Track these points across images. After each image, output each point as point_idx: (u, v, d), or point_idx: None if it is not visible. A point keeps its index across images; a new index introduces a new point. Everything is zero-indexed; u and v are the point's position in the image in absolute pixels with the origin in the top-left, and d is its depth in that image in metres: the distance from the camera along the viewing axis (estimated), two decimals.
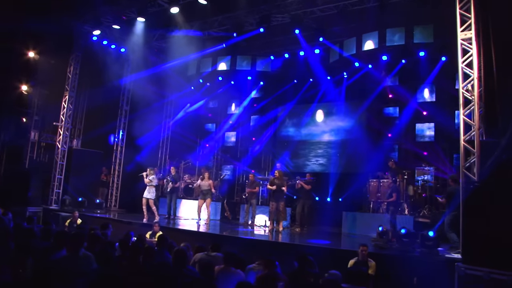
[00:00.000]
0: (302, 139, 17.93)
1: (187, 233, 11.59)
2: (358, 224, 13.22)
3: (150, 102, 17.59)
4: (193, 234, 11.49)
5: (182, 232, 11.65)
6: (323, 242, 10.65)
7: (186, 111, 19.25)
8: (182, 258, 5.63)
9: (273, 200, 12.32)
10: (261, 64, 16.62)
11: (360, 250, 8.12)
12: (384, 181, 13.35)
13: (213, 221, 14.86)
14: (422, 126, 15.57)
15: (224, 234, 11.80)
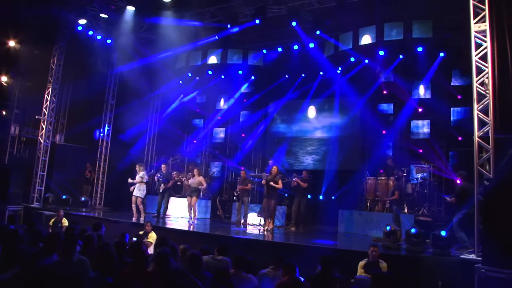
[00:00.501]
0: (294, 135, 17.36)
1: (179, 232, 10.91)
2: (355, 223, 12.72)
3: (137, 96, 16.84)
4: (185, 234, 10.82)
5: (174, 231, 10.94)
6: (328, 242, 10.11)
7: (174, 106, 18.41)
8: (197, 263, 4.99)
9: (265, 197, 11.72)
10: (253, 58, 15.99)
11: (370, 251, 7.61)
12: (382, 179, 12.88)
13: (203, 220, 14.21)
14: (418, 123, 15.16)
15: (216, 233, 11.15)
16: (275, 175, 11.63)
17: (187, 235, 10.67)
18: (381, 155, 15.44)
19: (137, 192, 12.53)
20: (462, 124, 14.30)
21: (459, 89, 14.39)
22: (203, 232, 11.10)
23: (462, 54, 13.31)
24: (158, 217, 13.63)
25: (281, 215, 13.52)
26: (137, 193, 12.52)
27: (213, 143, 19.19)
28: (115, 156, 16.49)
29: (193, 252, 5.50)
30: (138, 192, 12.52)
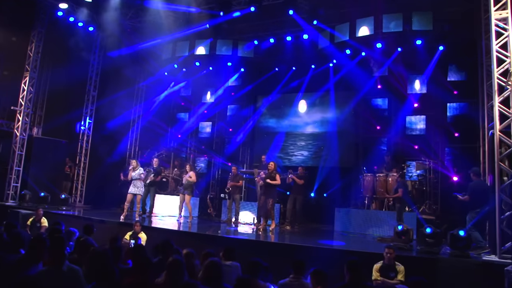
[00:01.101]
0: (284, 131, 16.58)
1: (169, 233, 10.01)
2: (353, 221, 12.05)
3: (120, 87, 15.84)
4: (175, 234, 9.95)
5: (163, 232, 10.02)
6: (335, 243, 9.39)
7: (159, 98, 17.42)
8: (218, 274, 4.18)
9: (262, 195, 10.91)
10: (244, 49, 15.15)
11: (385, 253, 6.94)
12: (381, 176, 12.25)
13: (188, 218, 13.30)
14: (413, 119, 14.57)
15: (207, 233, 10.30)
16: (272, 171, 10.86)
17: (177, 235, 9.79)
18: (375, 151, 14.87)
19: (134, 189, 11.64)
20: (458, 120, 13.82)
21: (456, 85, 13.90)
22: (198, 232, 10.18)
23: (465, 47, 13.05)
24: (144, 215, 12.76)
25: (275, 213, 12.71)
26: (134, 190, 11.65)
27: (199, 138, 18.27)
28: (97, 150, 15.44)
29: (213, 260, 4.68)
30: (136, 189, 11.65)
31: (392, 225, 11.14)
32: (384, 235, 11.00)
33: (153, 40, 14.45)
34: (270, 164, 11.06)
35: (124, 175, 13.70)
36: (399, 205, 10.40)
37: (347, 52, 13.90)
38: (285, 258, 7.85)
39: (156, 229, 10.06)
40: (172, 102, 18.31)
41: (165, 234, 9.63)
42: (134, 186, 11.60)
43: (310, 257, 7.50)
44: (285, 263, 7.52)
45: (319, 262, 6.84)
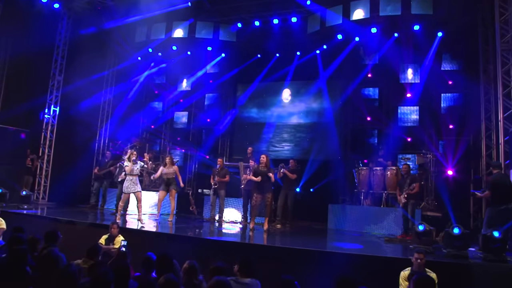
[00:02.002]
0: (266, 121, 15.36)
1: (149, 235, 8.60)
2: (348, 218, 11.03)
3: (89, 72, 14.18)
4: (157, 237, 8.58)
5: (143, 234, 8.60)
6: (353, 246, 8.24)
7: (131, 86, 15.84)
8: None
9: (258, 192, 9.67)
10: (225, 32, 13.85)
11: (415, 259, 5.86)
12: (378, 169, 11.22)
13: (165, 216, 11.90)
14: (406, 110, 13.63)
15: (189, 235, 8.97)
16: (267, 165, 9.64)
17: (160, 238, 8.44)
18: (366, 144, 13.92)
19: (132, 186, 9.77)
20: (453, 112, 12.97)
21: (451, 74, 13.04)
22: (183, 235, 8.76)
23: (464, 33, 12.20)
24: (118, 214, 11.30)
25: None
26: (133, 188, 9.78)
27: (174, 129, 16.81)
28: (63, 141, 13.79)
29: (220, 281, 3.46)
30: (135, 186, 9.81)
31: (390, 222, 10.23)
32: (384, 233, 10.05)
33: (125, 19, 12.92)
34: (262, 157, 9.82)
35: (100, 168, 12.25)
36: (414, 201, 9.36)
37: (338, 37, 12.81)
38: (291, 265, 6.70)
39: (134, 231, 8.62)
40: (145, 90, 16.76)
41: (145, 236, 8.27)
42: (132, 183, 9.77)
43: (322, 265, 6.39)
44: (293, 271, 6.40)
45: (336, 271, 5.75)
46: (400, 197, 9.42)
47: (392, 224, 10.19)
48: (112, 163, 12.30)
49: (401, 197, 9.35)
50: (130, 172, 9.78)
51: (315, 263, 6.48)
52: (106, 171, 12.25)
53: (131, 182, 9.74)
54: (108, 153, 12.93)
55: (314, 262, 6.51)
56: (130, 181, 9.74)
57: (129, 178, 9.76)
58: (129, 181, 9.74)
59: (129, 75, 15.81)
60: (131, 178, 9.76)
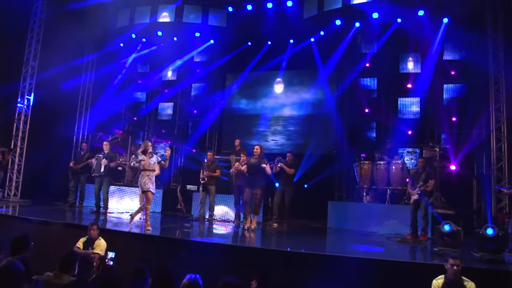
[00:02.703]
0: (257, 113, 14.35)
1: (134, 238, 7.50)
2: (350, 216, 10.14)
3: (67, 58, 12.94)
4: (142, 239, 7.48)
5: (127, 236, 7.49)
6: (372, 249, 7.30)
7: (112, 74, 14.59)
8: None
9: (248, 186, 8.72)
10: (215, 17, 12.76)
11: (449, 265, 4.94)
12: (381, 164, 10.33)
13: (153, 214, 10.81)
14: (406, 101, 12.78)
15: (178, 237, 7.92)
16: (260, 156, 8.64)
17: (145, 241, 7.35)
18: (363, 137, 13.04)
19: (151, 184, 8.14)
20: (456, 103, 12.18)
21: (453, 64, 12.27)
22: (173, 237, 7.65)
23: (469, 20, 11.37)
24: (98, 212, 10.20)
25: None
26: (152, 186, 8.17)
27: (159, 121, 15.67)
28: (37, 133, 12.52)
29: None
30: (152, 185, 8.19)
31: (397, 221, 9.34)
32: (390, 233, 9.18)
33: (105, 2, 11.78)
34: (256, 148, 8.81)
35: (76, 162, 11.07)
36: (427, 198, 8.46)
37: (337, 23, 11.90)
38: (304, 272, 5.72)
39: (116, 233, 7.50)
40: (128, 79, 15.55)
41: (130, 239, 7.19)
42: (149, 179, 8.08)
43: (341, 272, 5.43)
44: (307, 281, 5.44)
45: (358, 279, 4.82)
46: (412, 193, 8.49)
47: (399, 223, 9.31)
48: (89, 156, 11.11)
49: (414, 193, 8.43)
50: (147, 167, 8.14)
51: (331, 270, 5.50)
52: (83, 165, 11.06)
53: (148, 179, 8.07)
54: (84, 145, 11.70)
55: (330, 268, 5.53)
56: (147, 177, 8.07)
57: (145, 173, 8.09)
58: (146, 177, 8.06)
59: (111, 62, 14.55)
60: (148, 173, 8.11)
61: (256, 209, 8.63)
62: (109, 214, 10.36)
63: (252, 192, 8.57)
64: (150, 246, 6.94)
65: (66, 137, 13.33)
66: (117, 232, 7.43)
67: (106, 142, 10.70)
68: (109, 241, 6.65)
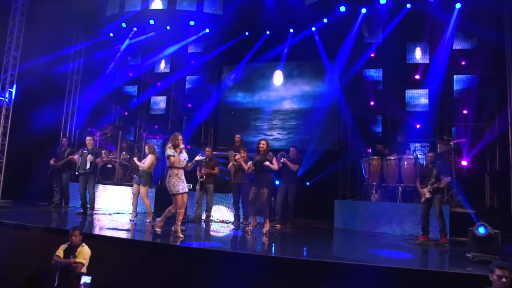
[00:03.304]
0: (255, 107, 13.48)
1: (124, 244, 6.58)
2: (359, 216, 9.32)
3: (52, 48, 11.99)
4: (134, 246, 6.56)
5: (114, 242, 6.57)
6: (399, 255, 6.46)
7: (102, 66, 13.61)
8: None
9: (255, 184, 7.87)
10: (211, 4, 11.90)
11: (496, 277, 4.10)
12: (391, 159, 9.49)
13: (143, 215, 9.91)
14: (414, 93, 11.97)
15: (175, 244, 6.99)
16: (266, 152, 7.80)
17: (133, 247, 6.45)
18: (369, 131, 12.22)
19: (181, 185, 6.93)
20: (467, 95, 11.38)
21: (464, 53, 11.46)
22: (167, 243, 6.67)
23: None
24: (85, 213, 9.30)
25: None
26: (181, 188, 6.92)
27: (151, 115, 14.72)
28: (21, 129, 11.50)
29: None
30: (183, 185, 7.00)
31: (411, 221, 8.51)
32: (404, 233, 8.40)
33: None
34: (262, 143, 7.97)
35: (57, 159, 10.14)
36: (440, 196, 7.66)
37: (341, 9, 11.06)
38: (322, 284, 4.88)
39: (102, 238, 6.59)
40: (118, 72, 14.60)
41: (117, 246, 6.29)
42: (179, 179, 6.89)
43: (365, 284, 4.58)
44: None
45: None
46: (424, 191, 7.66)
47: (412, 223, 8.48)
48: (70, 152, 10.17)
49: (425, 191, 7.60)
50: (176, 164, 6.89)
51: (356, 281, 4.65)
52: (63, 162, 10.11)
53: (177, 178, 6.86)
54: (64, 141, 10.70)
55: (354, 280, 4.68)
56: (175, 176, 6.85)
57: (173, 172, 6.84)
58: (175, 177, 6.84)
59: (100, 53, 13.59)
60: (176, 172, 6.87)
61: (266, 210, 7.83)
62: (96, 215, 9.46)
63: (260, 192, 7.73)
64: (137, 253, 6.04)
65: (52, 133, 12.36)
66: (103, 238, 6.50)
67: (89, 138, 9.78)
68: (92, 247, 5.77)
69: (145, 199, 8.58)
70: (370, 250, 6.93)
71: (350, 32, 11.77)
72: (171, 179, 6.85)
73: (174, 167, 6.87)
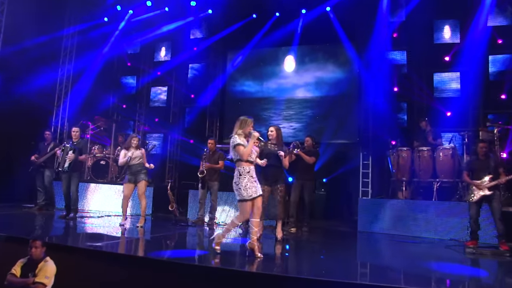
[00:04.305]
0: (265, 96, 12.13)
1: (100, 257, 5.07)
2: (388, 217, 7.91)
3: (40, 33, 10.71)
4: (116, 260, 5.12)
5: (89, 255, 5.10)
6: (464, 270, 5.06)
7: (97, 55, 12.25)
8: None
9: (265, 182, 6.34)
10: None
11: None
12: (424, 150, 8.04)
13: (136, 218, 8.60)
14: (443, 77, 10.51)
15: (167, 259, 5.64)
16: (279, 141, 6.46)
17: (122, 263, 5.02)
18: (392, 120, 10.74)
19: (259, 188, 5.15)
20: (504, 78, 9.90)
21: (501, 31, 9.95)
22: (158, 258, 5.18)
23: None
24: (67, 216, 7.96)
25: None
26: (258, 190, 5.11)
27: (151, 108, 13.37)
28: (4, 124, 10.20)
29: None
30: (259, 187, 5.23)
31: (448, 222, 7.11)
32: (444, 238, 6.98)
33: None
34: (271, 130, 6.59)
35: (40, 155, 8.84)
36: (499, 193, 6.23)
37: None
38: None
39: (72, 251, 5.14)
40: (116, 62, 13.31)
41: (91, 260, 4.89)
42: (252, 178, 5.03)
43: None
44: None
45: None
46: (482, 186, 6.18)
47: (452, 225, 7.09)
48: (54, 146, 8.85)
49: (484, 187, 6.14)
50: (247, 157, 5.05)
51: None
52: (46, 158, 8.81)
53: (251, 177, 5.07)
54: (48, 134, 9.34)
55: None
56: (249, 174, 5.05)
57: (246, 169, 5.03)
58: (248, 175, 5.04)
59: (93, 41, 12.25)
60: (248, 169, 5.07)
61: (281, 212, 6.43)
62: (82, 219, 8.14)
63: (273, 189, 6.35)
64: (119, 270, 4.66)
65: (40, 128, 11.03)
66: (74, 250, 5.11)
67: (75, 128, 8.41)
68: (59, 262, 4.43)
69: (143, 198, 7.23)
70: (420, 262, 5.46)
71: (369, 10, 10.35)
72: (241, 179, 4.95)
73: (244, 162, 5.01)
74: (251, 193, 4.91)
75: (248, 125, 5.19)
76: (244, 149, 4.98)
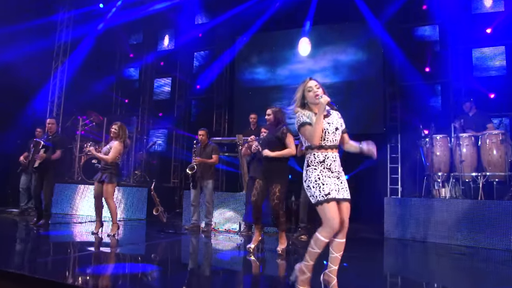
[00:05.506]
0: (277, 84, 10.74)
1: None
2: (420, 220, 6.27)
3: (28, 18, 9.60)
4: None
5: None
6: None
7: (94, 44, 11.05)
8: None
9: (260, 176, 4.98)
10: None
11: None
12: (465, 138, 6.42)
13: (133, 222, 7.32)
14: (484, 53, 8.84)
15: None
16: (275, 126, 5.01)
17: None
18: (424, 107, 9.14)
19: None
20: None
21: None
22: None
23: None
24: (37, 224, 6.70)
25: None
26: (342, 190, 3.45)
27: (154, 101, 12.14)
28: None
29: None
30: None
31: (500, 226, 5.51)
32: (494, 245, 5.43)
33: None
34: (268, 113, 5.12)
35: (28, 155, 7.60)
36: None
37: None
38: None
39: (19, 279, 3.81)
40: (118, 52, 12.15)
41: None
42: (331, 171, 3.12)
43: None
44: None
45: None
46: None
47: (506, 231, 5.48)
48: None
49: None
50: (316, 142, 3.13)
51: None
52: None
53: (325, 168, 3.22)
54: (39, 131, 8.18)
55: None
56: (322, 165, 3.15)
57: (317, 158, 3.14)
58: (321, 166, 3.14)
59: (88, 29, 11.05)
60: (321, 158, 3.16)
61: (279, 221, 4.93)
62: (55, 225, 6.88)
63: (267, 187, 4.91)
64: None
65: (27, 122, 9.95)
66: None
67: (50, 120, 7.15)
68: None
69: (111, 202, 5.85)
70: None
71: None
72: (310, 172, 3.11)
73: (315, 149, 3.15)
74: (327, 191, 3.00)
75: (308, 89, 3.38)
76: (311, 128, 3.13)
